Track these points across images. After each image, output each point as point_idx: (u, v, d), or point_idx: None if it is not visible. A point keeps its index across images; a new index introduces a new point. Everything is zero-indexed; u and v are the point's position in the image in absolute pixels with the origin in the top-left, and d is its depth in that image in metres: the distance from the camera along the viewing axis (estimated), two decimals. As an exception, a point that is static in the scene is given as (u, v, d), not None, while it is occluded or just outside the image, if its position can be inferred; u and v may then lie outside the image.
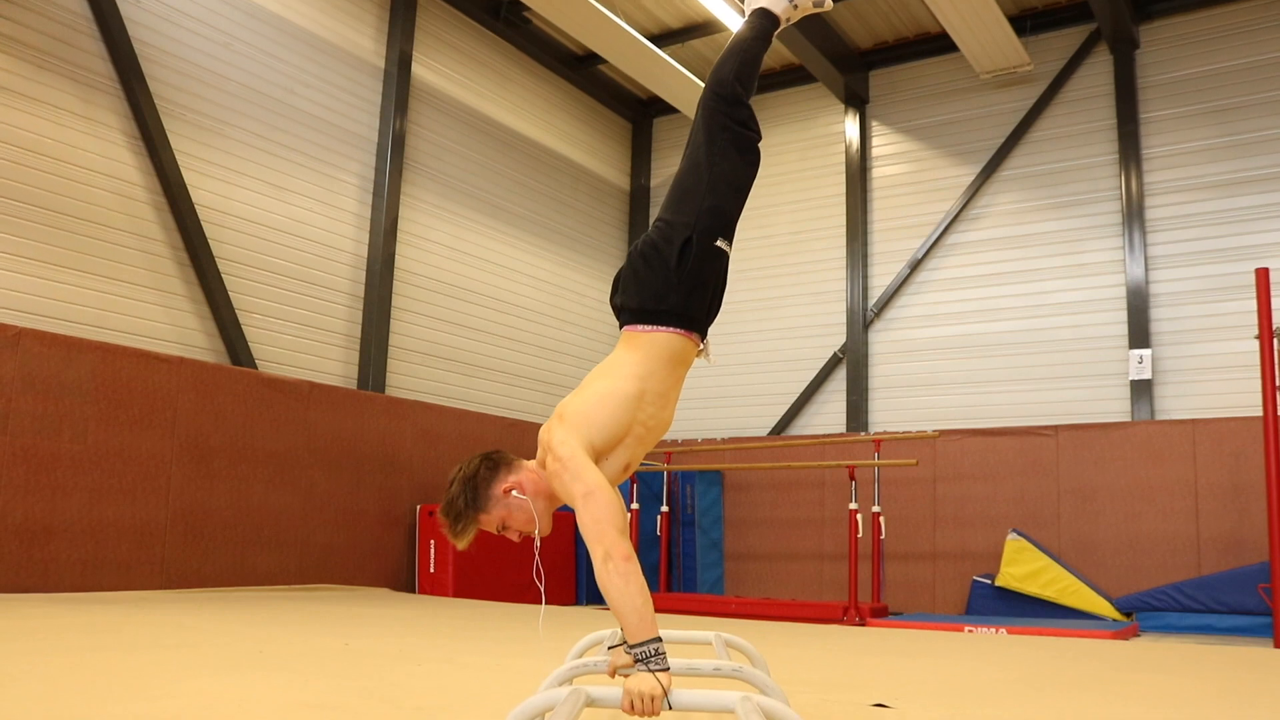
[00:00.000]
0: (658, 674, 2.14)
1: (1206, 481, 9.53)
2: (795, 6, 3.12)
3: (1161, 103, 10.71)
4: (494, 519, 2.54)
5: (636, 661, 2.19)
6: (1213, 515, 9.45)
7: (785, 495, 11.51)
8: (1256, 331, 7.55)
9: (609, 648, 2.85)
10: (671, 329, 2.67)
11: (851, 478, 9.11)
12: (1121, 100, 10.81)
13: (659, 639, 2.22)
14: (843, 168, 12.38)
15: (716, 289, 2.80)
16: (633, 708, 2.11)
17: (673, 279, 2.67)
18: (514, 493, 2.53)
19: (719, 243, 2.75)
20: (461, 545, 2.56)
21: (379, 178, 10.12)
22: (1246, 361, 9.41)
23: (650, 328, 2.68)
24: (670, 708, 2.11)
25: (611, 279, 11.40)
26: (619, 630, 2.83)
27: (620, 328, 2.77)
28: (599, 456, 2.52)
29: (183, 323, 8.41)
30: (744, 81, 2.96)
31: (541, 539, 2.61)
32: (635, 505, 10.28)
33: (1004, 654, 5.90)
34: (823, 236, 12.38)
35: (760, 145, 2.96)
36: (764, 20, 3.12)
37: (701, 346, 2.79)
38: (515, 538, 2.58)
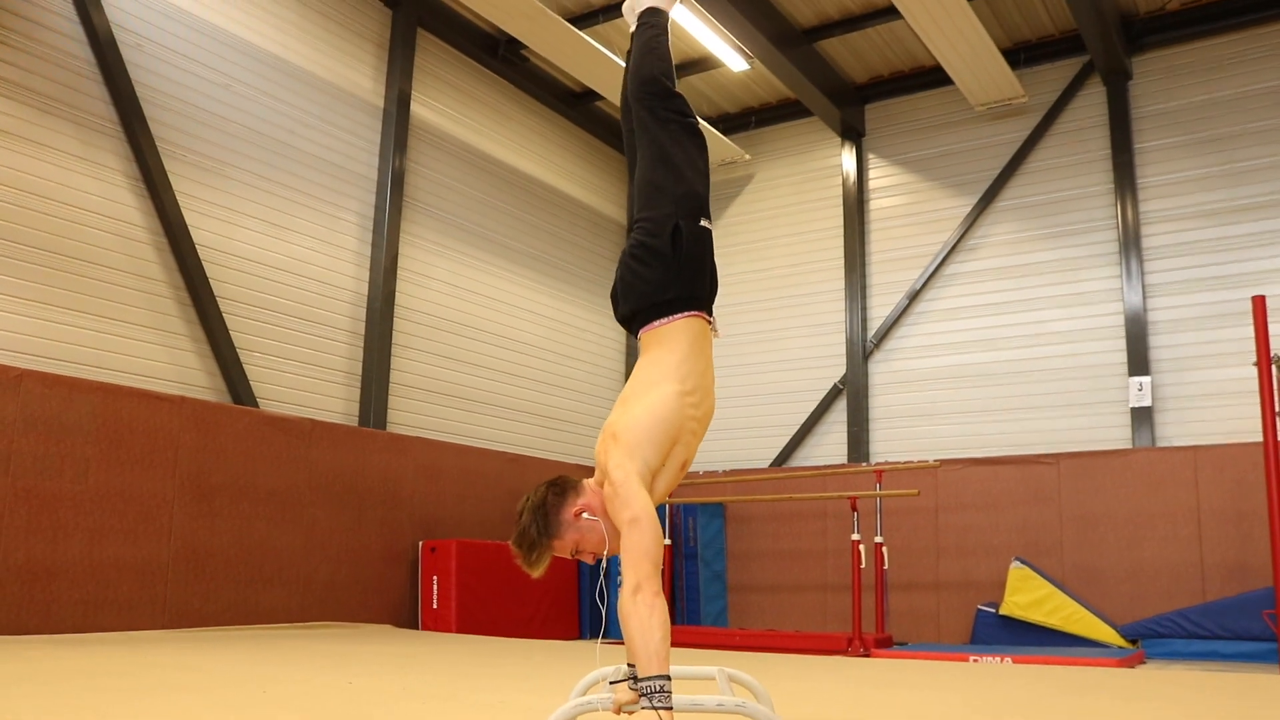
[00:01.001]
0: (661, 712, 2.15)
1: (1209, 508, 9.52)
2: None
3: (1155, 133, 10.79)
4: (568, 543, 2.56)
5: (641, 696, 2.20)
6: (1216, 541, 9.44)
7: (787, 527, 11.50)
8: (1255, 358, 7.57)
9: (611, 683, 2.86)
10: (684, 314, 2.74)
11: (854, 508, 9.11)
12: (1115, 130, 10.89)
13: (668, 678, 2.22)
14: (840, 200, 12.45)
15: (713, 267, 2.91)
16: (636, 744, 2.11)
17: (672, 267, 2.74)
18: (585, 515, 2.54)
19: (703, 222, 2.86)
20: (536, 574, 2.58)
21: (379, 215, 10.18)
22: (1246, 387, 9.43)
23: (664, 320, 2.74)
24: (674, 744, 2.12)
25: (610, 312, 11.34)
26: (623, 667, 2.84)
27: (635, 335, 2.84)
28: (656, 470, 2.56)
29: (184, 362, 8.43)
30: (668, 75, 3.10)
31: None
32: (637, 539, 10.24)
33: (1010, 683, 5.88)
34: (821, 269, 12.43)
35: (697, 120, 3.09)
36: (657, 16, 3.26)
37: (711, 323, 2.85)
38: (590, 560, 2.60)
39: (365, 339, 9.94)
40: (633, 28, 3.25)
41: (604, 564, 2.68)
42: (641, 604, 2.28)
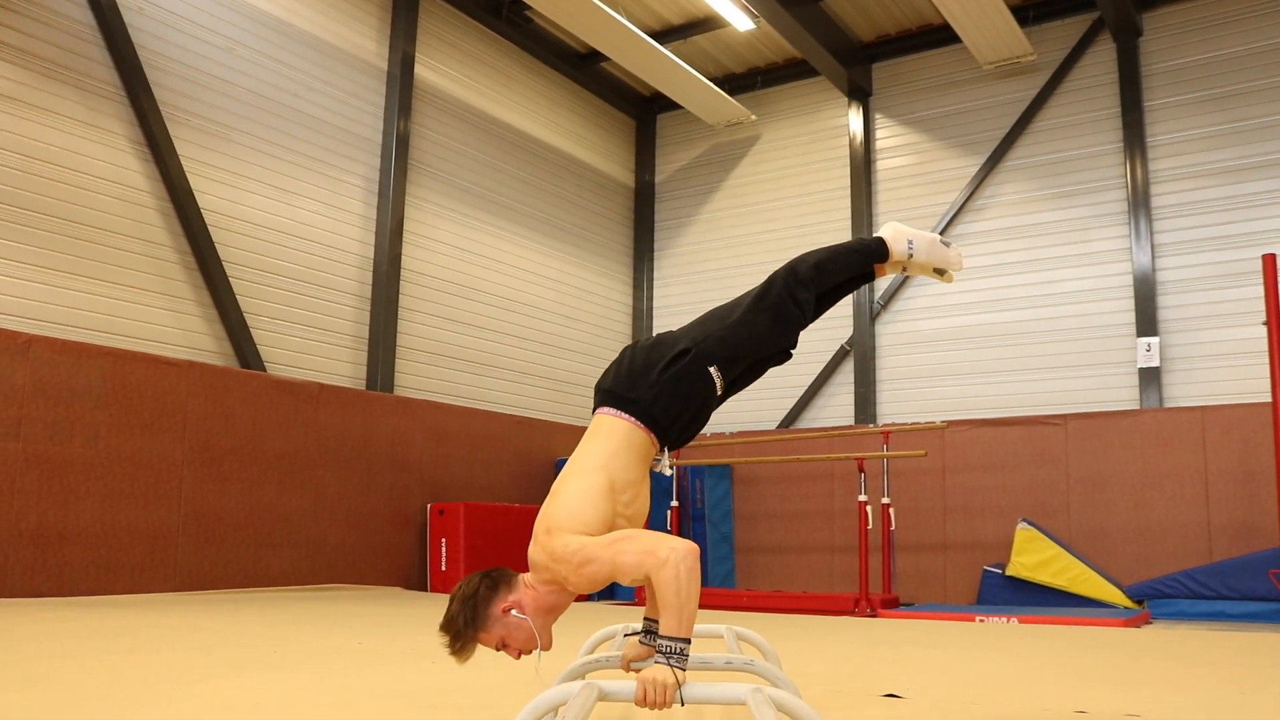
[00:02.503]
0: (675, 669, 2.16)
1: (1216, 468, 9.52)
2: (910, 258, 3.12)
3: (1165, 90, 10.69)
4: (493, 637, 2.53)
5: (659, 651, 2.21)
6: (1223, 502, 9.45)
7: (795, 488, 11.52)
8: (1264, 317, 7.54)
9: (625, 635, 2.87)
10: (634, 420, 2.66)
11: (860, 470, 9.12)
12: (1125, 88, 10.79)
13: (689, 641, 2.23)
14: (847, 161, 12.38)
15: (694, 414, 2.76)
16: (645, 697, 2.12)
17: (653, 375, 2.67)
18: (513, 612, 2.52)
19: (712, 369, 2.74)
20: (461, 661, 2.55)
21: (384, 179, 10.15)
22: (1255, 347, 9.39)
23: (615, 412, 2.68)
24: (682, 703, 2.13)
25: (616, 275, 11.39)
26: (632, 625, 2.86)
27: (593, 411, 2.77)
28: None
29: (191, 326, 8.44)
30: (821, 272, 2.97)
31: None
32: (645, 501, 10.28)
33: (1016, 643, 5.91)
34: (828, 230, 12.37)
35: (799, 336, 2.95)
36: (874, 244, 3.14)
37: (659, 456, 2.76)
38: (515, 656, 2.57)
39: (372, 302, 9.94)
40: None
41: (537, 664, 2.65)
42: (683, 569, 2.26)
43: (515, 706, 2.78)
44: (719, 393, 2.80)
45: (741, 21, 11.14)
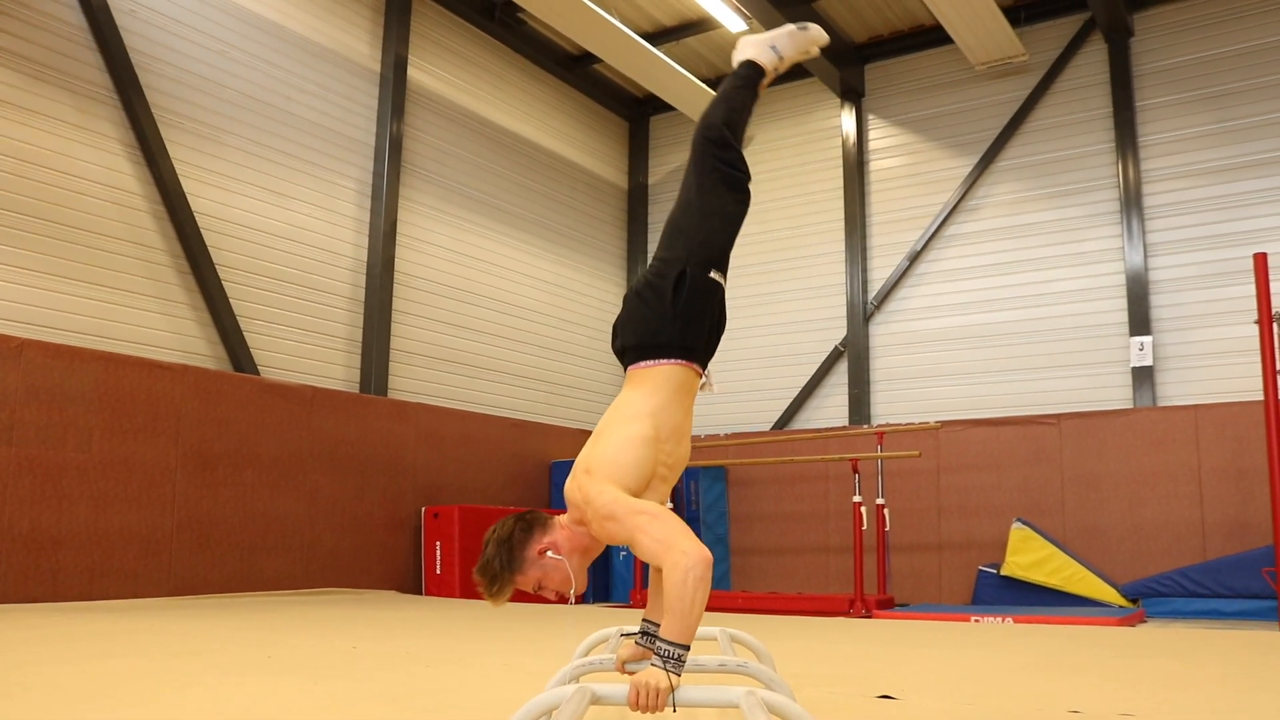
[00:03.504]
0: (670, 673, 2.16)
1: (1210, 467, 9.54)
2: (781, 59, 3.19)
3: (1157, 90, 10.72)
4: (530, 579, 2.56)
5: (656, 654, 2.20)
6: (1217, 500, 9.47)
7: (789, 489, 11.53)
8: (1256, 316, 7.56)
9: (621, 635, 2.87)
10: (672, 360, 2.70)
11: (855, 470, 9.13)
12: (1117, 88, 10.81)
13: (688, 648, 2.23)
14: (840, 161, 12.39)
15: (715, 321, 2.81)
16: (637, 700, 2.12)
17: (669, 312, 2.70)
18: (549, 553, 2.54)
19: (713, 274, 2.79)
20: (498, 605, 2.58)
21: (377, 181, 10.14)
22: (1247, 346, 9.41)
23: (652, 362, 2.70)
24: (674, 709, 2.12)
25: (610, 276, 11.39)
26: (627, 628, 2.85)
27: (624, 369, 2.80)
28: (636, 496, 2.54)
29: (184, 330, 8.43)
30: (732, 126, 3.01)
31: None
32: (640, 503, 10.28)
33: (1011, 643, 5.91)
34: (821, 230, 12.39)
35: (750, 186, 3.00)
36: (750, 70, 3.17)
37: (704, 378, 2.81)
38: (553, 596, 2.60)
39: (365, 305, 9.93)
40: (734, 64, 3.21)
41: (572, 602, 2.67)
42: (694, 574, 2.25)
43: (509, 710, 2.77)
44: (724, 287, 2.86)
45: (734, 23, 11.14)
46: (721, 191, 2.90)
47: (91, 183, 7.88)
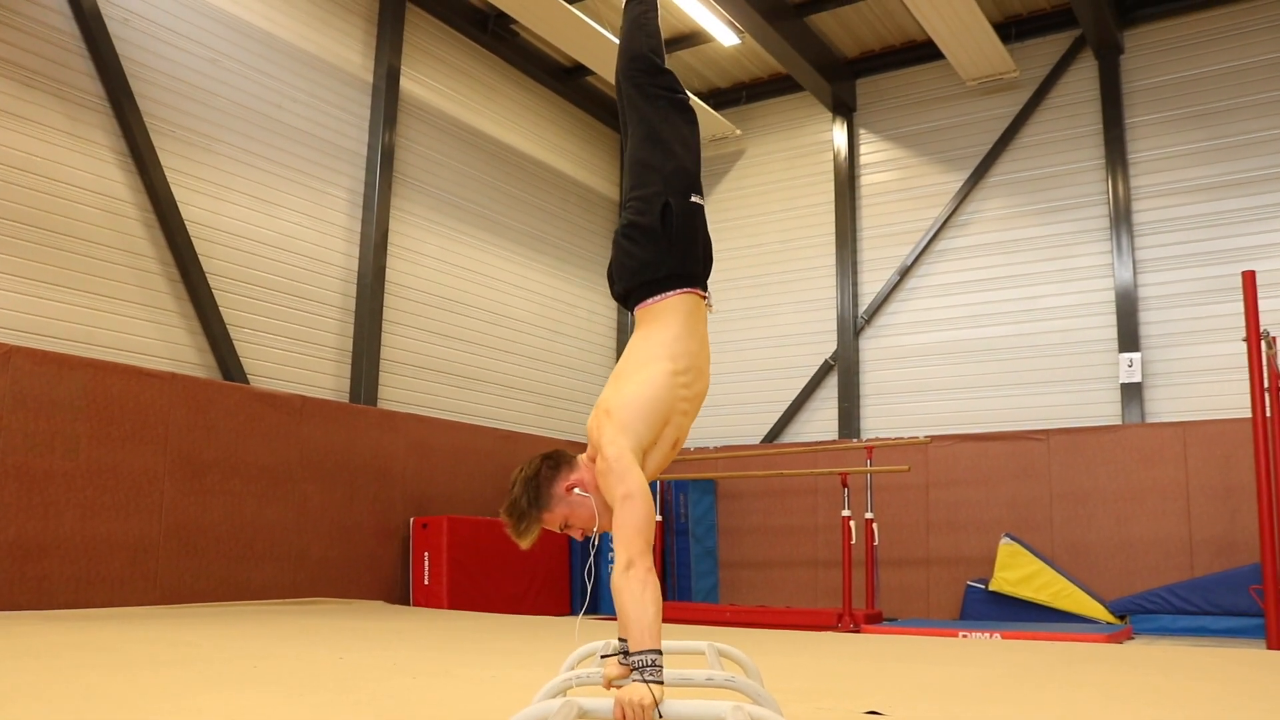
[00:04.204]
0: (651, 685, 2.16)
1: (1198, 484, 9.56)
2: None
3: (1147, 107, 10.77)
4: (557, 517, 2.59)
5: (633, 670, 2.21)
6: (1204, 517, 9.49)
7: (778, 503, 11.53)
8: (1244, 334, 7.59)
9: (602, 657, 2.87)
10: (677, 291, 2.75)
11: (844, 484, 9.14)
12: (1107, 105, 10.87)
13: (659, 651, 2.24)
14: (831, 176, 12.43)
15: (706, 242, 2.89)
16: (624, 717, 2.11)
17: (663, 244, 2.75)
18: (576, 490, 2.57)
19: (693, 198, 2.86)
20: (525, 544, 2.61)
21: (369, 191, 10.14)
22: (1236, 363, 9.44)
23: (658, 297, 2.76)
24: (660, 718, 2.12)
25: (600, 288, 11.39)
26: (613, 641, 2.85)
27: (630, 312, 2.85)
28: (648, 448, 2.58)
29: (173, 338, 8.41)
30: (656, 51, 3.08)
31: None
32: (629, 515, 10.26)
33: (998, 658, 5.91)
34: (812, 244, 12.42)
35: (688, 96, 3.05)
36: None
37: (706, 298, 2.85)
38: (578, 535, 2.63)
39: (355, 315, 9.92)
40: (624, 3, 3.22)
41: (594, 542, 2.69)
42: (634, 579, 2.30)
43: (496, 723, 2.76)
44: (704, 204, 2.92)
45: (727, 37, 11.18)
46: (674, 117, 2.96)
47: (82, 190, 7.87)
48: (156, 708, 3.41)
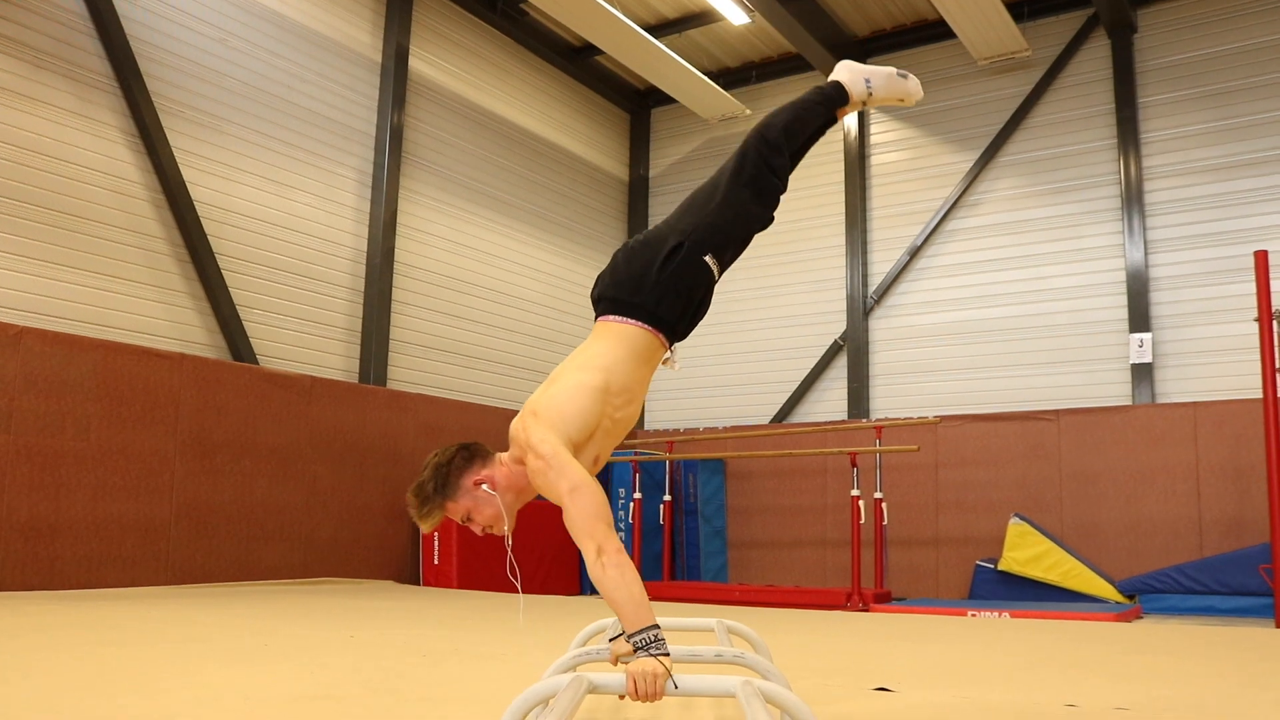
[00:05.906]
0: (660, 658, 2.16)
1: (1207, 464, 9.54)
2: (870, 95, 3.12)
3: (1159, 87, 10.70)
4: (460, 508, 2.56)
5: (637, 650, 2.21)
6: (1214, 497, 9.47)
7: (788, 483, 11.53)
8: (1256, 314, 7.55)
9: (610, 639, 2.87)
10: (640, 324, 2.68)
11: (853, 464, 9.13)
12: (1119, 85, 10.80)
13: (657, 625, 2.24)
14: (841, 155, 12.37)
15: (697, 305, 2.79)
16: (635, 689, 2.12)
17: (652, 276, 2.69)
18: (484, 486, 2.54)
19: (707, 258, 2.76)
20: (425, 529, 2.59)
21: (378, 172, 10.13)
22: (1246, 344, 9.41)
23: (621, 319, 2.70)
24: (675, 687, 2.12)
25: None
26: (619, 620, 2.85)
27: (595, 318, 2.79)
28: (576, 450, 2.53)
29: (183, 319, 8.42)
30: (790, 134, 2.97)
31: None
32: (638, 495, 10.31)
33: (1007, 637, 5.92)
34: (822, 224, 12.38)
35: (778, 201, 2.95)
36: (834, 90, 3.11)
37: (669, 353, 2.79)
38: (479, 531, 2.59)
39: (365, 295, 9.92)
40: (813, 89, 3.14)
41: (509, 541, 2.66)
42: (609, 565, 2.29)
43: (505, 699, 2.78)
44: (717, 278, 2.82)
45: (736, 15, 11.12)
46: (751, 190, 2.87)
47: (91, 171, 7.87)
48: (167, 684, 3.43)
